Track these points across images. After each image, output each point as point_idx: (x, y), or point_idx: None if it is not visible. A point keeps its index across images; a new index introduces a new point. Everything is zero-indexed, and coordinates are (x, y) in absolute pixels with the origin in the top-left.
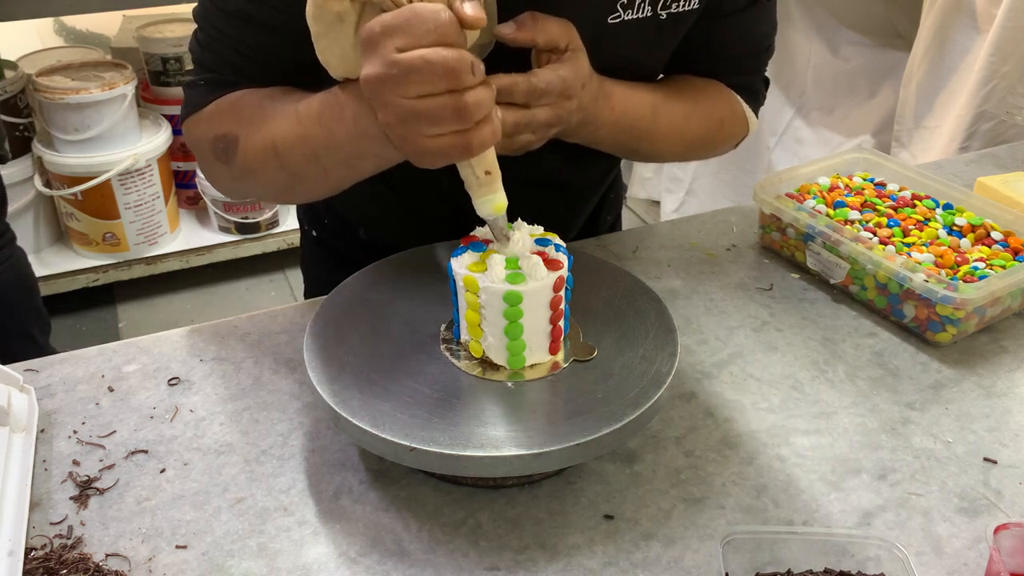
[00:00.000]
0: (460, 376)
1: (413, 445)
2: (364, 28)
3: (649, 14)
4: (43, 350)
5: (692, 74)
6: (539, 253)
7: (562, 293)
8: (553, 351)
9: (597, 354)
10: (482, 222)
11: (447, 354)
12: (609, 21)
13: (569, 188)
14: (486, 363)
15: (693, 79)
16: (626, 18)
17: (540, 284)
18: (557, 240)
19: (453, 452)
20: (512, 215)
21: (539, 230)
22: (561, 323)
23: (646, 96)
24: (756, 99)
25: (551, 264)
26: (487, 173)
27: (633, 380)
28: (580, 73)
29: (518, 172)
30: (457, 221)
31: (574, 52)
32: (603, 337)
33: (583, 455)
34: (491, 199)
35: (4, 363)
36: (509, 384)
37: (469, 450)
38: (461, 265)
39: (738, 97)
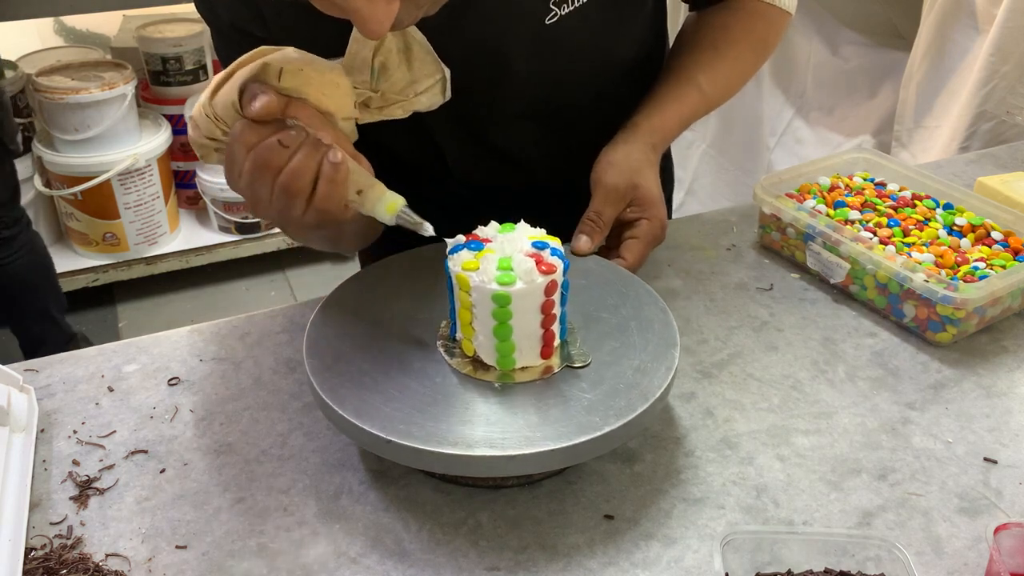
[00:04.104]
0: (450, 374)
1: (389, 438)
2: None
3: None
4: (60, 326)
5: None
6: (534, 255)
7: (555, 297)
8: (545, 355)
9: (592, 360)
10: (485, 221)
11: (442, 351)
12: (547, 23)
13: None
14: (477, 362)
15: (721, 19)
16: (563, 13)
17: (531, 287)
18: (555, 244)
19: (427, 448)
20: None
21: (539, 232)
22: (554, 327)
23: (689, 94)
24: None
25: (545, 267)
26: (358, 193)
27: (626, 386)
28: (658, 228)
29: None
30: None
31: (642, 210)
32: (603, 338)
33: (559, 461)
34: (379, 210)
35: (25, 342)
36: (496, 385)
37: (444, 447)
38: (456, 263)
39: (762, 1)
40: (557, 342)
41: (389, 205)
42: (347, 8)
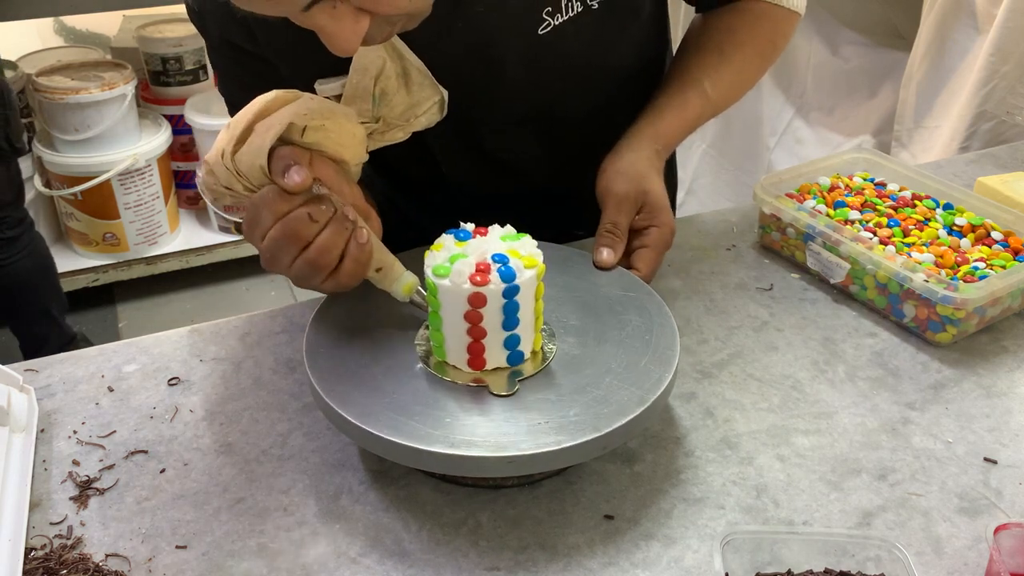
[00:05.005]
0: (411, 351)
1: (390, 438)
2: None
3: (580, 9)
4: (61, 327)
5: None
6: (483, 265)
7: (484, 312)
8: (474, 366)
9: (518, 390)
10: (503, 221)
11: (423, 327)
12: (540, 33)
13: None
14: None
15: (727, 22)
16: (556, 23)
17: (454, 288)
18: (515, 267)
19: (427, 448)
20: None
21: (526, 251)
22: (485, 341)
23: (692, 99)
24: None
25: (479, 278)
26: (378, 271)
27: (626, 386)
28: (668, 235)
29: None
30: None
31: (652, 217)
32: (603, 337)
33: (559, 461)
34: (395, 288)
35: (26, 342)
36: (418, 367)
37: (444, 447)
38: (435, 243)
39: (769, 2)
40: (501, 364)
41: (406, 286)
42: (314, 26)
